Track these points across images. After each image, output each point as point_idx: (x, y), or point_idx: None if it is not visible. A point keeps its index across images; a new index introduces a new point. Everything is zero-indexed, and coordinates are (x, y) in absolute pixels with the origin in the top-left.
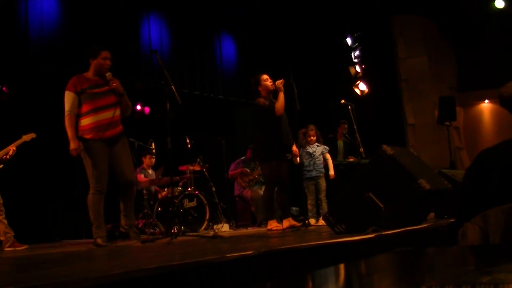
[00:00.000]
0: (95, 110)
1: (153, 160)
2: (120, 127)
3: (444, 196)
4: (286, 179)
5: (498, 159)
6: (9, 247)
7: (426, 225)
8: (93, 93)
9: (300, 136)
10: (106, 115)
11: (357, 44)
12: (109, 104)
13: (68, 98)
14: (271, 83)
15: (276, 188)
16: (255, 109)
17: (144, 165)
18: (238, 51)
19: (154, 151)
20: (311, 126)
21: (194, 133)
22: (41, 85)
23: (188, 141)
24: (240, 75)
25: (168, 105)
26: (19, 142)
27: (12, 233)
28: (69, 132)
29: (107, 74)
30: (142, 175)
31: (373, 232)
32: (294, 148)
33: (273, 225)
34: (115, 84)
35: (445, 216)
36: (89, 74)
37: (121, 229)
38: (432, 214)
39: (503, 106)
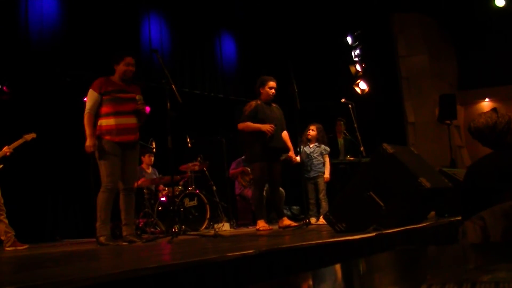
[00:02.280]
0: (116, 114)
1: (152, 158)
2: (137, 135)
3: (445, 194)
4: (278, 180)
5: (484, 171)
6: (10, 246)
7: (427, 223)
8: (116, 97)
9: (304, 132)
10: (126, 120)
11: (357, 42)
12: (129, 111)
13: (91, 97)
14: (273, 94)
15: (268, 189)
16: (243, 109)
17: (143, 165)
18: (239, 50)
19: (154, 150)
20: (316, 123)
21: (194, 132)
22: (42, 84)
23: (188, 140)
24: (241, 74)
25: (168, 104)
26: (19, 142)
27: (13, 233)
28: (88, 130)
29: (137, 97)
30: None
31: (373, 231)
32: (291, 153)
33: (260, 225)
34: (142, 108)
35: (446, 215)
36: (115, 78)
37: (123, 242)
38: (433, 213)
39: (475, 138)
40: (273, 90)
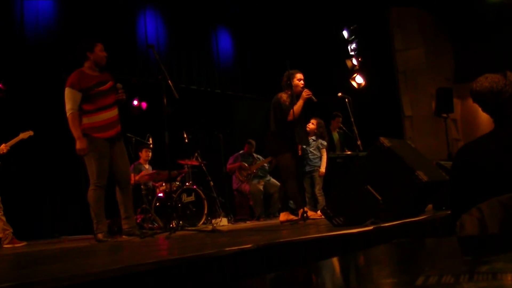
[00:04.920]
0: (100, 109)
1: (150, 154)
2: (120, 126)
3: (442, 187)
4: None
5: (478, 153)
6: (8, 243)
7: (424, 216)
8: (98, 92)
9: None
10: (110, 113)
11: (353, 37)
12: (112, 103)
13: (71, 95)
14: (302, 85)
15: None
16: (276, 104)
17: (141, 160)
18: (235, 45)
19: (151, 146)
20: (317, 118)
21: (191, 128)
22: (38, 82)
23: (185, 135)
24: (237, 69)
25: (165, 100)
26: (16, 139)
27: (11, 230)
28: (75, 132)
29: (117, 85)
30: (132, 174)
31: (371, 224)
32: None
33: (289, 217)
34: (123, 97)
35: (443, 208)
36: (89, 69)
37: (124, 235)
38: (430, 206)
39: (475, 101)
40: (302, 81)
